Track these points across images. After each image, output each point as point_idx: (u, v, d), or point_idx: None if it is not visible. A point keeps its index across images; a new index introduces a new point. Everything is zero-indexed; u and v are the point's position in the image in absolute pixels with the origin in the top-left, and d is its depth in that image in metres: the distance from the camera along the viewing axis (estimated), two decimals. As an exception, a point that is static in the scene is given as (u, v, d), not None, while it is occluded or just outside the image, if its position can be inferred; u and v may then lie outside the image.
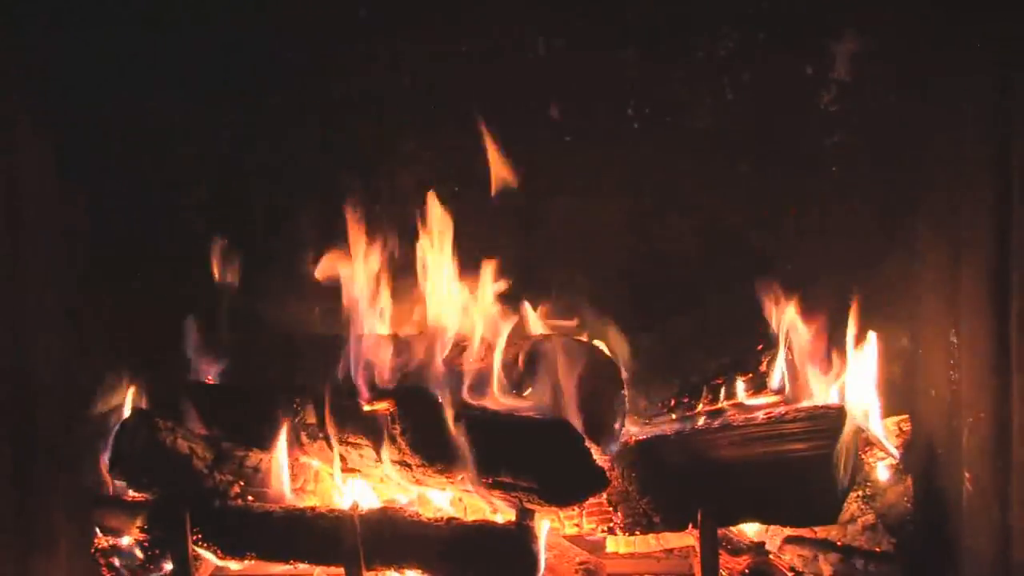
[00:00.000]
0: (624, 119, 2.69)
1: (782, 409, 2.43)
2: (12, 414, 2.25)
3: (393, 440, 2.34)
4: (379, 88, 2.69)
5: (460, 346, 2.50)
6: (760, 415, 2.41)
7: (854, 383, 2.52)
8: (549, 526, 2.37)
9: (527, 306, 2.60)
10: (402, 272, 2.63)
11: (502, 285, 2.58)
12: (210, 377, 2.62)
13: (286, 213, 2.74)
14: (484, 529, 2.31)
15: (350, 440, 2.41)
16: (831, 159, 2.65)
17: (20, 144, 2.29)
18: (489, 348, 2.48)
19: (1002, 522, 2.21)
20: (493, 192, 2.58)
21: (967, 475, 2.32)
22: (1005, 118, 2.17)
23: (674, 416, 2.57)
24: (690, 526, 2.33)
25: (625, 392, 2.48)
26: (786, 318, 2.55)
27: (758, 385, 2.56)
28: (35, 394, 2.30)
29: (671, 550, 2.52)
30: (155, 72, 2.65)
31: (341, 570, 2.28)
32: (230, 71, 2.67)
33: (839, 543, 2.44)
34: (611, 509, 2.39)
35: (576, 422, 2.34)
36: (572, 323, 2.63)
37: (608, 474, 2.32)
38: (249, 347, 2.64)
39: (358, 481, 2.49)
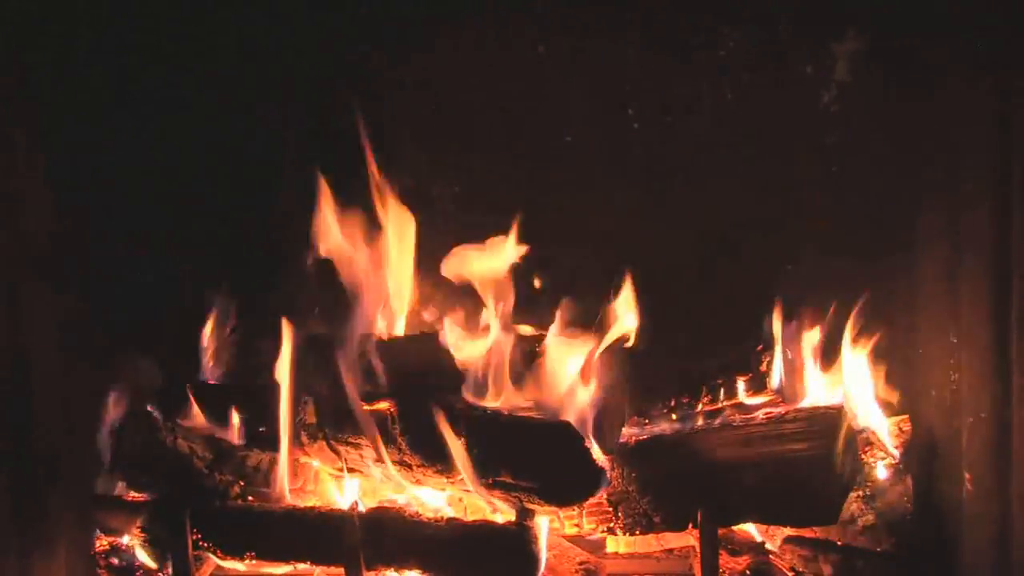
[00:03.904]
0: (624, 119, 2.69)
1: (782, 409, 2.43)
2: (12, 414, 2.25)
3: (393, 440, 2.34)
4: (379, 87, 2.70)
5: (461, 346, 2.50)
6: (760, 415, 2.41)
7: (854, 383, 2.52)
8: (549, 526, 2.37)
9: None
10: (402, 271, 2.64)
11: (502, 284, 2.59)
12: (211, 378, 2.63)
13: (287, 213, 2.74)
14: (484, 529, 2.31)
15: (350, 440, 2.41)
16: (831, 159, 2.66)
17: (18, 145, 2.29)
18: (490, 348, 2.47)
19: (1002, 522, 2.21)
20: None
21: (967, 475, 2.31)
22: (1006, 117, 2.17)
23: (674, 416, 2.57)
24: (690, 526, 2.34)
25: (625, 392, 2.47)
26: (786, 318, 2.56)
27: (758, 385, 2.56)
28: (35, 393, 2.30)
29: (671, 550, 2.51)
30: (154, 75, 2.66)
31: (341, 570, 2.28)
32: (229, 72, 2.68)
33: (839, 543, 2.44)
34: (611, 509, 2.39)
35: (576, 422, 2.34)
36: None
37: (608, 474, 2.32)
38: (250, 347, 2.64)
39: (358, 481, 2.49)
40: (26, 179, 2.30)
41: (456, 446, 2.28)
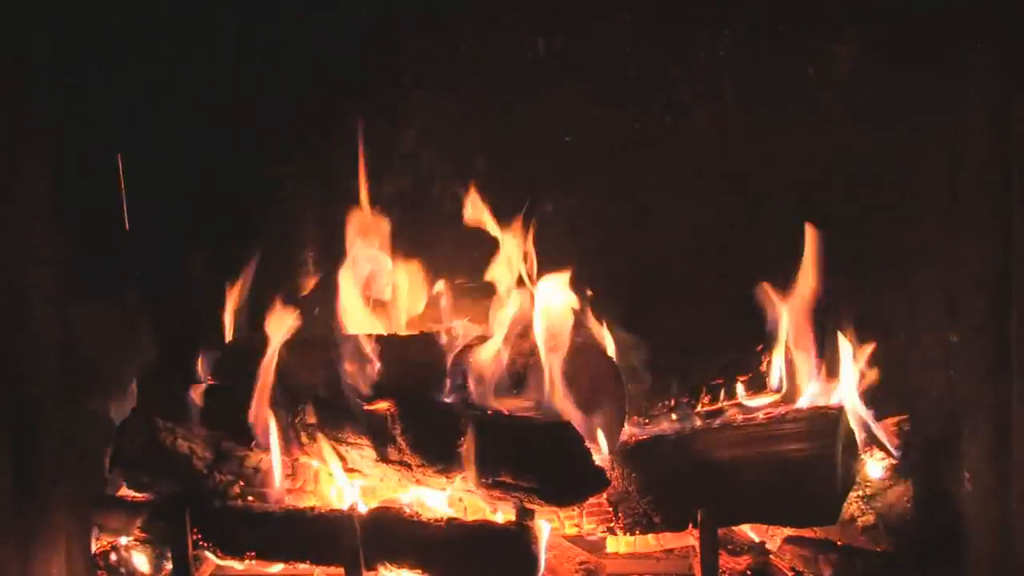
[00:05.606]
0: (623, 119, 2.69)
1: (782, 409, 2.44)
2: (13, 414, 2.25)
3: (393, 440, 2.34)
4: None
5: (461, 346, 2.50)
6: (760, 415, 2.41)
7: (854, 383, 2.52)
8: (549, 526, 2.37)
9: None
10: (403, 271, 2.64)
11: (503, 285, 2.59)
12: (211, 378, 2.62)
13: (287, 214, 2.75)
14: (484, 529, 2.31)
15: (350, 440, 2.40)
16: (830, 158, 2.66)
17: (18, 145, 2.29)
18: (490, 348, 2.47)
19: (1002, 522, 2.22)
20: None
21: (967, 475, 2.32)
22: (1006, 116, 2.17)
23: (674, 416, 2.57)
24: (690, 526, 2.34)
25: (625, 392, 2.47)
26: (786, 318, 2.55)
27: (758, 385, 2.56)
28: (35, 394, 2.30)
29: (671, 550, 2.51)
30: (154, 75, 2.66)
31: (341, 570, 2.28)
32: (229, 72, 2.68)
33: (839, 543, 2.44)
34: (611, 509, 2.39)
35: (576, 422, 2.34)
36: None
37: (608, 474, 2.32)
38: (250, 348, 2.64)
39: (358, 481, 2.49)
40: (27, 178, 2.31)
41: (456, 446, 2.28)
